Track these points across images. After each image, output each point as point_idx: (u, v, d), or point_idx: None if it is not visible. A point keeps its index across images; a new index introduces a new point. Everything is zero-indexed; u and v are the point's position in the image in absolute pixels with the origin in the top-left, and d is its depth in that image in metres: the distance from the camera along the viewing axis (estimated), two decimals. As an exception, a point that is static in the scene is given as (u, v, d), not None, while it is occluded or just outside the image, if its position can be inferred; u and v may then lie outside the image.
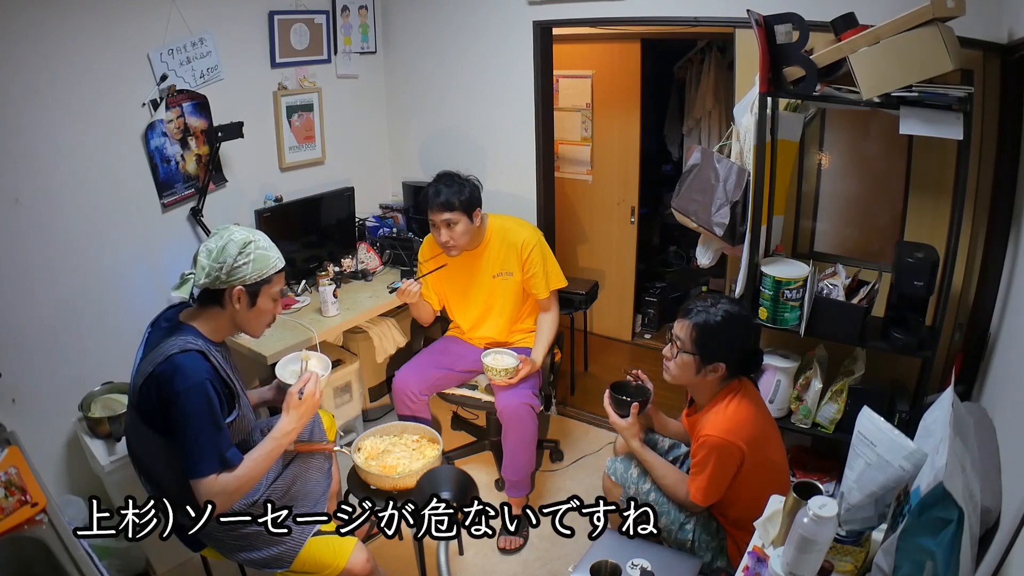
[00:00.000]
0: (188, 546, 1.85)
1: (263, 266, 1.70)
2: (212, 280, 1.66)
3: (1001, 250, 2.06)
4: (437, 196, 2.50)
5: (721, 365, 1.81)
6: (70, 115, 2.33)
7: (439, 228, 2.53)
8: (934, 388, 2.12)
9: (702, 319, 1.81)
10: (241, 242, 1.67)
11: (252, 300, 1.73)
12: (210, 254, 1.66)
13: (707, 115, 4.15)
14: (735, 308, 1.84)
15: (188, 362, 1.60)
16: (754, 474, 1.79)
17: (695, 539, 1.92)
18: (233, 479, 1.63)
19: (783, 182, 2.47)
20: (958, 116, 1.82)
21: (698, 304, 1.85)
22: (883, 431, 1.27)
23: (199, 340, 1.67)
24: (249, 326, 1.79)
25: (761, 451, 1.80)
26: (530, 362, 2.56)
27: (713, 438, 1.75)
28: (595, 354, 3.96)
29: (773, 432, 1.91)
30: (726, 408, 1.80)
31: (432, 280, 2.72)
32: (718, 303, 1.83)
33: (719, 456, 1.76)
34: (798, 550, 1.23)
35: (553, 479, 2.94)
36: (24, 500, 1.58)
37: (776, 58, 2.07)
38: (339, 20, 3.18)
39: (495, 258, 2.66)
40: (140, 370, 1.66)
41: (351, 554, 1.82)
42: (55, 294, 2.38)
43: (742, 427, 1.76)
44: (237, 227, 1.73)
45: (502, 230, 2.65)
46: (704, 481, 1.79)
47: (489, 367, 2.51)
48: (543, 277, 2.65)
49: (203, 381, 1.60)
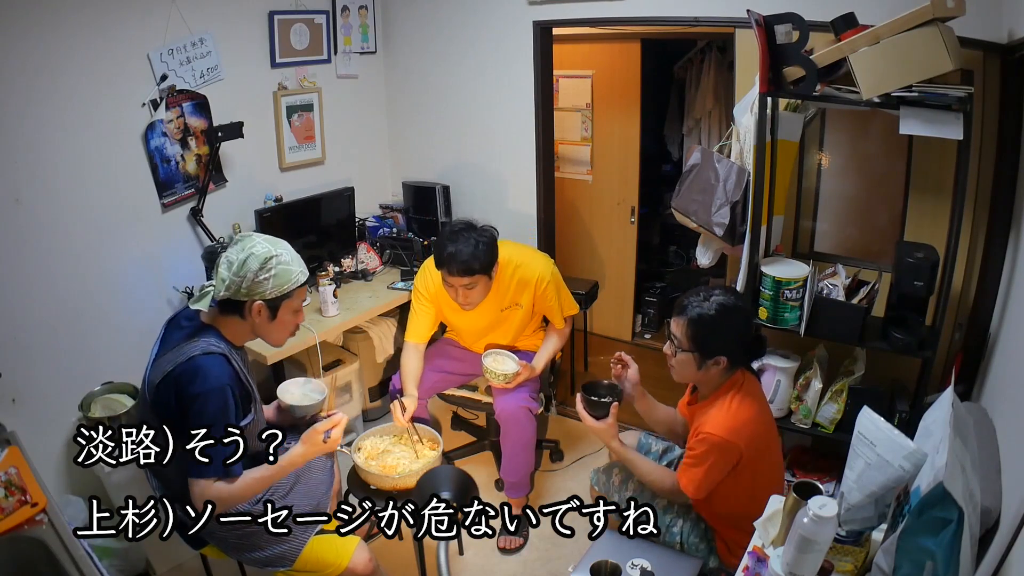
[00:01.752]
0: (190, 544, 1.85)
1: (284, 281, 1.67)
2: (232, 293, 1.64)
3: (1001, 250, 2.07)
4: (455, 259, 2.29)
5: (722, 358, 1.79)
6: (70, 115, 2.32)
7: (456, 290, 2.38)
8: (934, 388, 2.12)
9: (696, 314, 1.78)
10: (263, 257, 1.63)
11: (272, 314, 1.71)
12: (231, 267, 1.63)
13: (707, 115, 4.14)
14: (729, 299, 1.80)
15: (211, 365, 1.60)
16: (748, 471, 1.78)
17: (683, 541, 1.93)
18: (227, 491, 1.63)
19: (783, 182, 2.47)
20: (958, 116, 1.82)
21: (691, 299, 1.81)
22: (883, 431, 1.27)
23: (222, 343, 1.66)
24: (270, 337, 1.78)
25: (759, 450, 1.79)
26: (529, 368, 2.53)
27: (715, 436, 1.74)
28: (595, 354, 3.96)
29: (772, 429, 1.90)
30: (730, 405, 1.78)
31: (431, 313, 2.61)
32: (711, 295, 1.79)
33: (719, 454, 1.75)
34: (798, 550, 1.23)
35: (553, 479, 2.94)
36: (24, 500, 1.58)
37: (776, 58, 2.07)
38: (339, 20, 3.18)
39: (505, 292, 2.55)
40: (158, 367, 1.64)
41: (353, 553, 1.82)
42: (55, 294, 2.37)
43: (744, 427, 1.75)
44: (260, 237, 1.69)
45: (512, 264, 2.52)
46: (699, 475, 1.78)
47: (488, 369, 2.47)
48: (558, 309, 2.61)
49: (224, 386, 1.60)
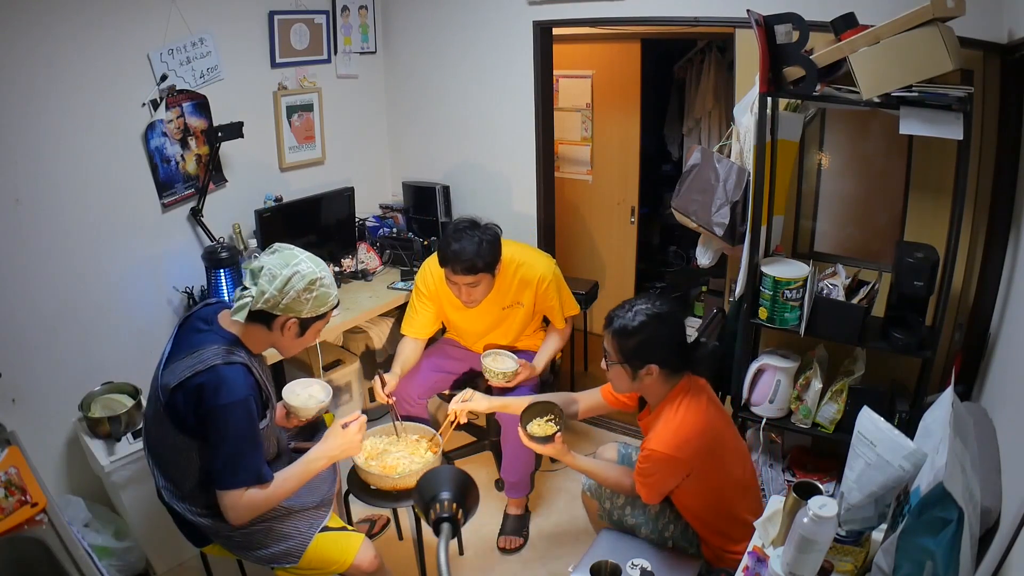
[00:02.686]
0: (192, 541, 1.85)
1: (322, 304, 1.69)
2: (270, 307, 1.64)
3: (1001, 250, 2.06)
4: (459, 257, 2.30)
5: (652, 366, 1.78)
6: (70, 115, 2.32)
7: (459, 287, 2.39)
8: (934, 388, 2.12)
9: (620, 325, 1.80)
10: (309, 278, 1.64)
11: (301, 332, 1.72)
12: (273, 280, 1.62)
13: (707, 115, 4.14)
14: (651, 307, 1.81)
15: (234, 376, 1.59)
16: (705, 474, 1.79)
17: (674, 544, 1.94)
18: (262, 496, 1.64)
19: (783, 182, 2.47)
20: (958, 116, 1.82)
21: (616, 312, 1.83)
22: (883, 431, 1.27)
23: (242, 352, 1.66)
24: (287, 350, 1.80)
25: (709, 455, 1.78)
26: (529, 367, 2.53)
27: (657, 453, 1.74)
28: (595, 354, 3.94)
29: (723, 430, 1.87)
30: (674, 416, 1.78)
31: (431, 311, 2.62)
32: (634, 306, 1.81)
33: (665, 469, 1.77)
34: (798, 550, 1.24)
35: (553, 479, 2.94)
36: (24, 500, 1.58)
37: (776, 58, 2.07)
38: (339, 20, 3.18)
39: (507, 291, 2.56)
40: (174, 370, 1.62)
41: (358, 551, 1.82)
42: (55, 294, 2.37)
43: (688, 441, 1.74)
44: (303, 254, 1.69)
45: (514, 263, 2.53)
46: (649, 486, 1.82)
47: (488, 368, 2.47)
48: (559, 309, 2.61)
49: (247, 397, 1.60)
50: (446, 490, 1.19)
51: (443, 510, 1.17)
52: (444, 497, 1.18)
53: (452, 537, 1.14)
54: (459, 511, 1.17)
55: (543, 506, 2.78)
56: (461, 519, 1.17)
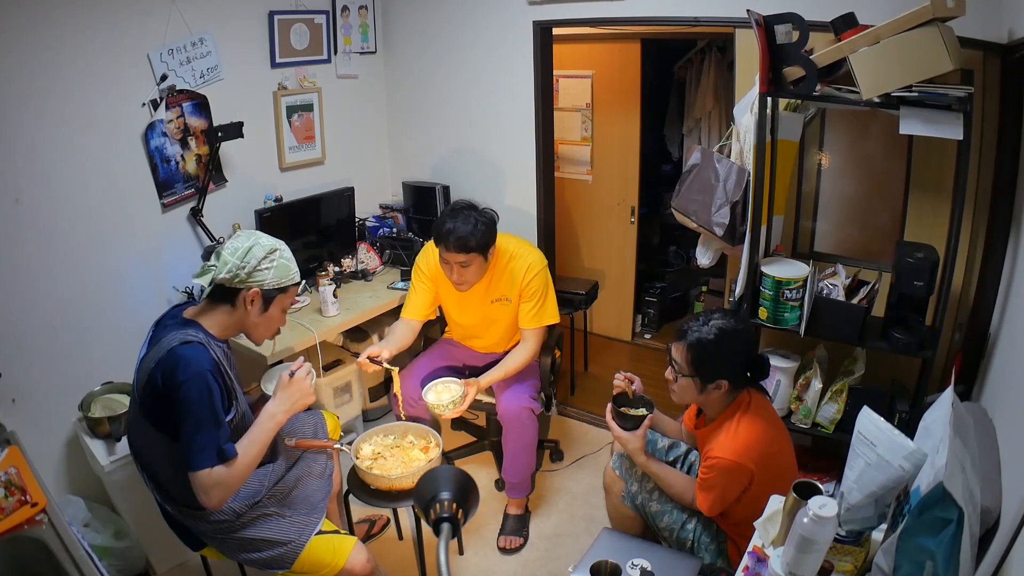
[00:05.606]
0: (189, 545, 1.86)
1: (283, 275, 1.74)
2: (231, 277, 1.67)
3: (1001, 250, 2.06)
4: (452, 235, 2.30)
5: (724, 382, 1.78)
6: (70, 115, 2.32)
7: (451, 267, 2.39)
8: (934, 388, 2.13)
9: (695, 339, 1.79)
10: (268, 247, 1.71)
11: (265, 305, 1.75)
12: (235, 252, 1.68)
13: (707, 115, 4.15)
14: (729, 323, 1.80)
15: (190, 353, 1.60)
16: (763, 487, 1.77)
17: (695, 539, 1.92)
18: (228, 474, 1.63)
19: (783, 182, 2.47)
20: (958, 116, 1.82)
21: (691, 324, 1.82)
22: (883, 431, 1.27)
23: (200, 334, 1.67)
24: (256, 331, 1.80)
25: (771, 467, 1.78)
26: (475, 384, 2.41)
27: (724, 461, 1.73)
28: (595, 354, 3.96)
29: (785, 443, 1.87)
30: (737, 427, 1.77)
31: (429, 291, 2.62)
32: (711, 320, 1.80)
33: (729, 477, 1.75)
34: (798, 550, 1.23)
35: (553, 479, 2.94)
36: (24, 500, 1.57)
37: (776, 58, 2.07)
38: (339, 20, 3.18)
39: (497, 284, 2.54)
40: (143, 367, 1.66)
41: (350, 554, 1.82)
42: (55, 294, 2.37)
43: (752, 448, 1.74)
44: (262, 233, 1.77)
45: (507, 255, 2.52)
46: (712, 497, 1.79)
47: (433, 406, 2.34)
48: (536, 308, 2.51)
49: (204, 371, 1.60)
50: (446, 490, 1.19)
51: (443, 510, 1.17)
52: (444, 497, 1.18)
53: (452, 537, 1.14)
54: (459, 511, 1.17)
55: (543, 506, 2.78)
56: (461, 519, 1.17)
